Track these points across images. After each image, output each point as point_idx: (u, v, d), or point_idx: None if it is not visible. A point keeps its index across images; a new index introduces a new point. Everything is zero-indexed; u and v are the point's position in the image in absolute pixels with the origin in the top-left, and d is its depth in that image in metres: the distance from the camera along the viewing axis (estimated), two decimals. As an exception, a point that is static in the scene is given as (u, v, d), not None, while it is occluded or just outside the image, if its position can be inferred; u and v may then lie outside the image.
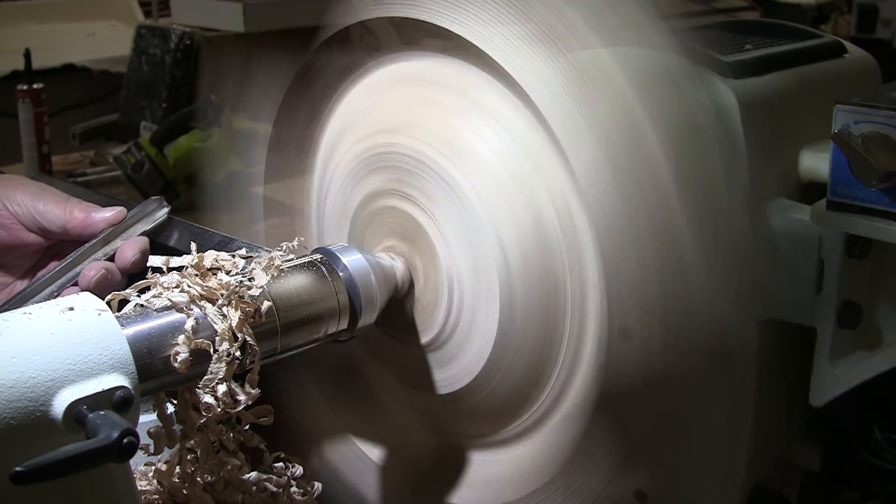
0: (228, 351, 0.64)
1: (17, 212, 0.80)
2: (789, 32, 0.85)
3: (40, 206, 0.79)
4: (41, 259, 0.83)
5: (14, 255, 0.82)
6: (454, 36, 0.73)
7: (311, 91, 0.88)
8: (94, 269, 0.76)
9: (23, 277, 0.83)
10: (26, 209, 0.79)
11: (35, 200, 0.80)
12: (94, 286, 0.75)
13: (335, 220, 0.86)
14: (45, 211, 0.79)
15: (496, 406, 0.77)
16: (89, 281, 0.76)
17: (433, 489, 0.84)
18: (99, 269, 0.76)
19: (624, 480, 0.71)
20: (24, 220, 0.80)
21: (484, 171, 0.73)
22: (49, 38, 2.61)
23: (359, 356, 0.90)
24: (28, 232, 0.80)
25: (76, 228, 0.79)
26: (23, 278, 0.83)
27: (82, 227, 0.79)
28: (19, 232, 0.80)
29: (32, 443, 0.54)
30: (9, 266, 0.82)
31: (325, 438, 0.91)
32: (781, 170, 0.74)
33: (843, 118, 0.66)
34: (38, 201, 0.80)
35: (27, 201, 0.79)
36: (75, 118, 2.21)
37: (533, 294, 0.71)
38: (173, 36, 2.00)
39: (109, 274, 0.77)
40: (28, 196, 0.80)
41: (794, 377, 0.74)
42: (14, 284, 0.82)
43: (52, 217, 0.79)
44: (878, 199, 0.65)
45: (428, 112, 0.78)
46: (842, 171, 0.66)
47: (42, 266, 0.83)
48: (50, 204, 0.80)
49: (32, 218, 0.80)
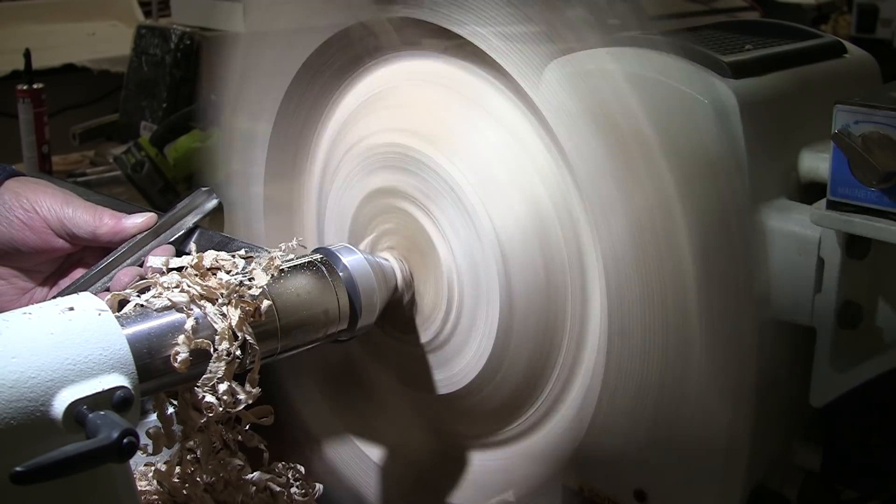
0: (228, 350, 0.64)
1: (46, 216, 0.79)
2: (789, 32, 0.85)
3: (69, 211, 0.79)
4: (62, 266, 0.83)
5: (38, 260, 0.81)
6: (454, 36, 0.73)
7: (311, 91, 0.88)
8: (128, 274, 0.75)
9: (43, 284, 0.82)
10: (55, 214, 0.79)
11: (64, 206, 0.79)
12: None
13: (335, 219, 0.86)
14: (74, 216, 0.79)
15: (496, 406, 0.77)
16: (123, 287, 0.74)
17: (433, 489, 0.84)
18: (133, 275, 0.75)
19: (624, 480, 0.71)
20: (52, 224, 0.79)
21: (483, 169, 0.73)
22: (49, 38, 2.60)
23: (359, 356, 0.90)
24: (56, 237, 0.79)
25: (107, 235, 0.78)
26: (43, 285, 0.82)
27: (113, 233, 0.78)
28: (48, 236, 0.79)
29: (32, 443, 0.54)
30: (31, 271, 0.82)
31: (325, 438, 0.91)
32: (781, 170, 0.74)
33: (843, 118, 0.66)
34: (67, 207, 0.79)
35: (56, 206, 0.79)
36: (75, 118, 2.21)
37: (533, 294, 0.71)
38: (173, 36, 1.99)
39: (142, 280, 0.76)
40: (57, 201, 0.79)
41: (794, 377, 0.74)
42: (34, 291, 0.82)
43: (81, 223, 0.78)
44: (878, 199, 0.65)
45: (427, 112, 0.78)
46: (842, 171, 0.66)
47: (63, 273, 0.82)
48: (79, 209, 0.79)
49: (61, 223, 0.79)
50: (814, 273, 0.69)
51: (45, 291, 0.82)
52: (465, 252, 0.74)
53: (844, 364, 0.70)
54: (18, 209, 0.78)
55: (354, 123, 0.84)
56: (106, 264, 0.77)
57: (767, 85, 0.75)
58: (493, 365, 0.74)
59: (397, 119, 0.80)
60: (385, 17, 0.79)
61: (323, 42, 0.84)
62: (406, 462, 0.88)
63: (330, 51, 0.85)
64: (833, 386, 0.70)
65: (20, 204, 0.78)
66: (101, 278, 0.77)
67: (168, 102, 1.98)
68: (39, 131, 1.89)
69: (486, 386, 0.76)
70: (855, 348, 0.71)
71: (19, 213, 0.78)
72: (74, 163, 2.11)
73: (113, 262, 0.77)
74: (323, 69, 0.87)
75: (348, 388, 0.91)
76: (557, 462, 0.74)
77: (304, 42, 0.85)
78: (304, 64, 0.86)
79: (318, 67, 0.86)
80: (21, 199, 0.79)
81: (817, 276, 0.69)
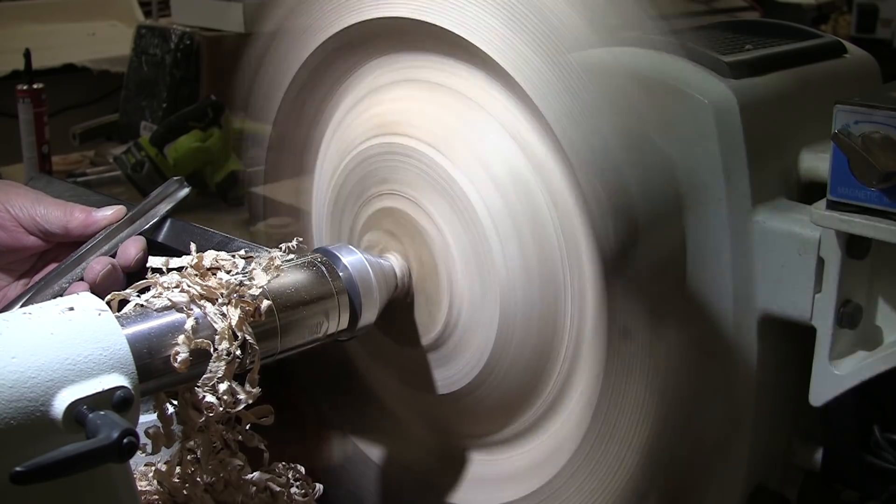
0: (228, 350, 0.64)
1: (18, 214, 0.81)
2: (789, 32, 0.85)
3: (40, 209, 0.81)
4: (37, 263, 0.84)
5: (12, 258, 0.83)
6: (454, 37, 0.73)
7: (311, 91, 0.88)
8: (101, 263, 0.77)
9: (19, 280, 0.84)
10: (26, 212, 0.81)
11: (35, 204, 0.81)
12: (100, 280, 0.76)
13: (335, 219, 0.86)
14: (46, 213, 0.80)
15: (496, 406, 0.77)
16: (96, 275, 0.77)
17: (433, 489, 0.84)
18: (106, 263, 0.77)
19: (624, 480, 0.71)
20: (24, 222, 0.81)
21: (482, 168, 0.73)
22: (49, 38, 2.61)
23: (359, 356, 0.90)
24: (28, 234, 0.81)
25: (77, 228, 0.80)
26: (19, 280, 0.84)
27: (84, 226, 0.80)
28: (19, 234, 0.81)
29: (32, 443, 0.54)
30: (6, 269, 0.84)
31: (325, 438, 0.91)
32: (781, 170, 0.74)
33: (843, 118, 0.66)
34: (38, 205, 0.81)
35: (27, 205, 0.81)
36: (75, 118, 2.21)
37: (533, 293, 0.71)
38: (173, 36, 1.99)
39: (115, 269, 0.78)
40: (28, 200, 0.81)
41: (794, 377, 0.74)
42: (9, 287, 0.84)
43: (52, 218, 0.80)
44: (878, 199, 0.65)
45: (424, 111, 0.78)
46: (842, 171, 0.66)
47: (38, 270, 0.84)
48: (50, 206, 0.81)
49: (33, 220, 0.81)
50: (814, 273, 0.69)
51: (20, 286, 0.83)
52: (464, 251, 0.74)
53: (844, 364, 0.70)
54: None
55: (354, 125, 0.84)
56: (79, 255, 0.79)
57: (767, 85, 0.75)
58: (494, 364, 0.74)
59: (396, 119, 0.80)
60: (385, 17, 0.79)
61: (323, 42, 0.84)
62: (406, 462, 0.88)
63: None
64: (833, 385, 0.70)
65: None
66: (74, 268, 0.78)
67: (168, 102, 1.98)
68: (39, 131, 1.89)
69: (486, 385, 0.76)
70: (855, 348, 0.71)
71: None
72: (74, 163, 2.11)
73: (86, 253, 0.79)
74: (324, 69, 0.87)
75: (348, 388, 0.91)
76: (558, 462, 0.74)
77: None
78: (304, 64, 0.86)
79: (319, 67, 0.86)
80: None
81: (817, 276, 0.69)
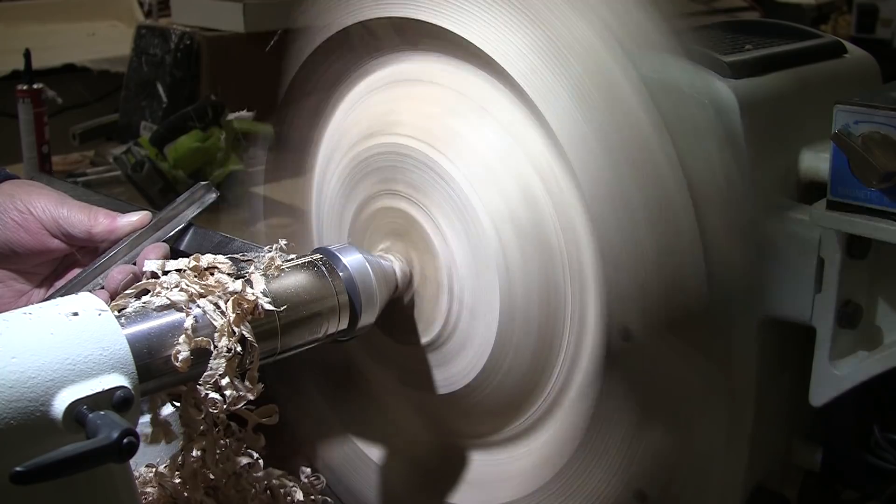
0: (228, 346, 0.64)
1: (41, 217, 0.79)
2: (789, 32, 0.85)
3: (64, 211, 0.79)
4: (58, 267, 0.83)
5: (35, 262, 0.81)
6: (454, 36, 0.73)
7: (311, 91, 0.88)
8: (122, 272, 0.75)
9: (40, 286, 0.83)
10: (50, 214, 0.79)
11: (59, 206, 0.79)
12: (121, 290, 0.73)
13: (334, 220, 0.86)
14: (69, 216, 0.79)
15: (496, 406, 0.77)
16: (117, 284, 0.74)
17: (433, 489, 0.84)
18: (127, 272, 0.75)
19: (624, 480, 0.71)
20: (47, 225, 0.79)
21: (481, 167, 0.73)
22: (49, 38, 2.61)
23: (359, 356, 0.90)
24: (51, 237, 0.80)
25: (102, 234, 0.78)
26: (40, 287, 0.83)
27: (107, 231, 0.78)
28: (43, 237, 0.79)
29: (32, 443, 0.54)
30: (28, 273, 0.82)
31: (325, 438, 0.91)
32: (781, 170, 0.74)
33: (843, 118, 0.66)
34: (62, 207, 0.79)
35: (50, 207, 0.79)
36: (75, 118, 2.21)
37: (533, 292, 0.71)
38: (173, 36, 2.00)
39: (136, 278, 0.74)
40: (51, 202, 0.79)
41: (794, 377, 0.74)
42: (32, 292, 0.82)
43: (75, 222, 0.79)
44: (878, 199, 0.65)
45: (422, 110, 0.78)
46: (842, 171, 0.66)
47: (60, 275, 0.82)
48: (74, 209, 0.79)
49: (56, 223, 0.79)
50: (814, 273, 0.69)
51: (42, 293, 0.82)
52: (464, 250, 0.74)
53: (844, 364, 0.70)
54: (13, 211, 0.79)
55: (353, 124, 0.84)
56: (101, 262, 0.77)
57: (767, 85, 0.75)
58: (494, 364, 0.74)
59: (396, 119, 0.80)
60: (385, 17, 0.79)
61: (323, 42, 0.84)
62: (406, 462, 0.88)
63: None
64: (833, 385, 0.70)
65: (14, 206, 0.79)
66: (96, 276, 0.77)
67: (168, 102, 1.98)
68: (39, 131, 1.89)
69: (486, 385, 0.76)
70: (855, 348, 0.71)
71: (14, 214, 0.79)
72: (74, 163, 2.11)
73: (108, 261, 0.78)
74: (323, 69, 0.87)
75: (348, 388, 0.91)
76: (558, 462, 0.74)
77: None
78: (304, 64, 0.86)
79: (318, 67, 0.86)
80: (15, 200, 0.79)
81: (817, 276, 0.69)
